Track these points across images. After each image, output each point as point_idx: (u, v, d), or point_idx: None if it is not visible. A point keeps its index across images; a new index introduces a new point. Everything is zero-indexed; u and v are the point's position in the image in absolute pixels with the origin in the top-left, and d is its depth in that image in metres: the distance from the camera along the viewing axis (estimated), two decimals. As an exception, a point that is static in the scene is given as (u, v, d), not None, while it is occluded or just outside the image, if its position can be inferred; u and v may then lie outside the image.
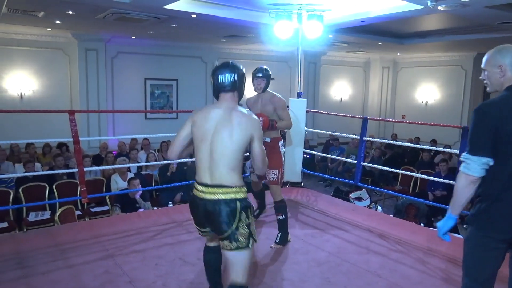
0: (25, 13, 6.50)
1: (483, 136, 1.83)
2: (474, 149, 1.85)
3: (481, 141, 1.83)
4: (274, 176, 3.56)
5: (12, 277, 2.85)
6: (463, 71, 11.42)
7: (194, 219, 2.30)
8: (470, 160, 1.85)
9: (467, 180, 1.87)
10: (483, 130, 1.83)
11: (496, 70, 1.94)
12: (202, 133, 2.19)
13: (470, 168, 1.85)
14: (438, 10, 5.31)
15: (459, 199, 1.92)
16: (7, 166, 6.79)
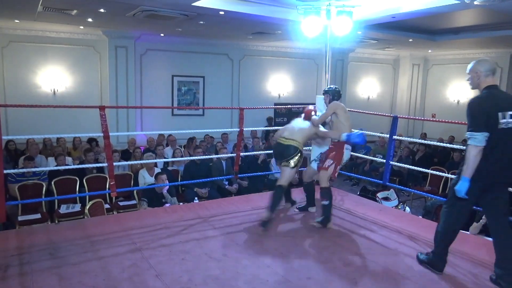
0: (59, 12, 6.71)
1: (480, 119, 2.68)
2: (477, 127, 2.67)
3: (480, 122, 2.68)
4: (329, 164, 3.95)
5: (44, 267, 2.94)
6: (498, 68, 10.97)
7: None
8: (476, 135, 2.66)
9: (477, 150, 2.67)
10: (480, 115, 2.69)
11: (475, 75, 2.84)
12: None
13: (477, 141, 2.66)
14: (473, 5, 5.11)
15: (472, 165, 2.69)
16: (40, 159, 7.04)
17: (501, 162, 2.70)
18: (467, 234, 4.27)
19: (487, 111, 2.66)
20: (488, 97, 2.74)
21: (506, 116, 2.65)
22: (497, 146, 2.66)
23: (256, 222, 4.00)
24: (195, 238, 3.56)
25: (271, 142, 8.82)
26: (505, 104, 2.70)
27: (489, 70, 2.77)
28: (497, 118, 2.64)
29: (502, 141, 2.67)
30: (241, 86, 11.04)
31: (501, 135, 2.66)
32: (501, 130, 2.65)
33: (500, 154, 2.69)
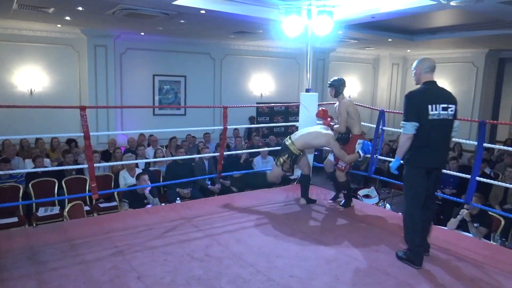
0: (35, 9, 6.54)
1: (412, 110, 3.03)
2: (408, 118, 3.03)
3: (411, 113, 3.03)
4: (343, 165, 4.44)
5: (22, 272, 2.87)
6: (474, 68, 11.26)
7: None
8: (406, 124, 3.03)
9: (406, 137, 3.05)
10: (412, 107, 3.04)
11: (418, 71, 3.19)
12: None
13: (407, 129, 3.03)
14: (450, 5, 5.23)
15: (403, 149, 3.12)
16: (18, 161, 6.86)
17: (436, 148, 3.06)
18: (444, 229, 4.38)
19: (418, 104, 3.02)
20: (422, 91, 3.10)
21: (438, 108, 2.99)
22: (430, 134, 3.02)
23: (238, 222, 4.01)
24: (177, 239, 3.54)
25: (254, 142, 8.84)
26: (438, 97, 3.04)
27: (428, 67, 3.13)
28: (427, 110, 2.98)
29: (435, 130, 3.01)
30: (223, 86, 11.00)
31: (433, 125, 3.00)
32: (432, 120, 2.99)
33: (434, 142, 3.04)
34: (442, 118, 3.01)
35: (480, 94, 11.16)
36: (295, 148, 4.25)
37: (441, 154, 3.13)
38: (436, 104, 2.99)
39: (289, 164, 4.27)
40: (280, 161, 4.28)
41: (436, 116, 2.99)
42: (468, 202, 4.08)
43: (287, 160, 4.24)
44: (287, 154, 4.24)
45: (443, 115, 3.01)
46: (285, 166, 4.26)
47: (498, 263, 3.17)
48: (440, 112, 3.00)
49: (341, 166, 4.45)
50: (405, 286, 2.83)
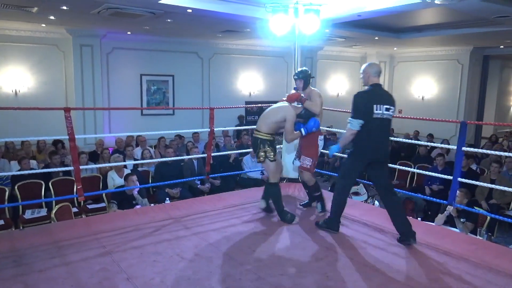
0: (18, 9, 6.44)
1: (359, 109, 3.36)
2: (355, 116, 3.37)
3: (358, 112, 3.36)
4: (308, 163, 4.17)
5: (9, 275, 2.83)
6: (459, 65, 11.43)
7: None
8: (353, 121, 3.37)
9: (351, 131, 3.41)
10: (359, 106, 3.37)
11: (366, 74, 3.48)
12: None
13: (353, 126, 3.38)
14: (435, 4, 5.30)
15: (346, 141, 3.51)
16: (3, 163, 6.75)
17: (377, 143, 3.43)
18: (432, 225, 4.44)
19: (365, 103, 3.34)
20: (369, 92, 3.42)
21: (382, 109, 3.34)
22: (373, 131, 3.37)
23: (227, 221, 4.01)
24: (166, 239, 3.52)
25: (243, 141, 8.83)
26: (382, 99, 3.38)
27: (376, 72, 3.46)
28: (372, 109, 3.31)
29: (377, 127, 3.38)
30: (212, 85, 10.97)
31: (376, 123, 3.35)
32: (376, 119, 3.34)
33: (376, 138, 3.41)
34: (385, 118, 3.38)
35: (466, 90, 11.34)
36: (262, 134, 3.85)
37: (382, 148, 3.49)
38: (380, 105, 3.33)
39: (271, 151, 3.85)
40: (261, 156, 3.85)
41: (380, 115, 3.34)
42: (450, 202, 4.12)
43: (266, 149, 3.83)
44: (261, 144, 3.84)
45: (386, 115, 3.37)
46: (269, 155, 3.85)
47: (484, 258, 3.23)
48: (384, 112, 3.35)
49: (308, 166, 4.13)
50: (393, 282, 2.86)
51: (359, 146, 3.47)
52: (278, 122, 3.86)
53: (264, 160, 3.86)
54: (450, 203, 4.13)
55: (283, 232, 3.76)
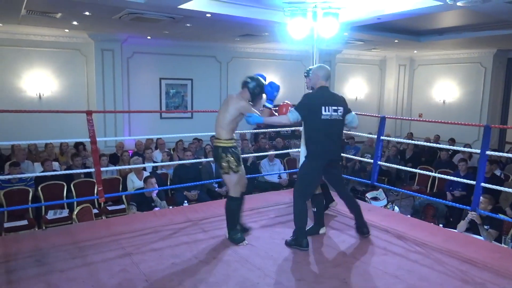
0: (43, 15, 6.63)
1: (303, 107, 3.43)
2: (297, 109, 3.43)
3: (302, 109, 3.42)
4: None
5: (31, 274, 2.89)
6: (482, 68, 11.17)
7: None
8: (294, 112, 3.41)
9: (285, 120, 3.45)
10: (305, 105, 3.44)
11: (315, 77, 3.57)
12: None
13: (292, 116, 3.41)
14: (457, 6, 5.20)
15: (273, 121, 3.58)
16: (27, 165, 6.93)
17: (330, 144, 3.46)
18: (454, 231, 4.34)
19: (312, 104, 3.42)
20: (317, 94, 3.51)
21: (330, 110, 3.41)
22: (324, 132, 3.42)
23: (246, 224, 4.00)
24: (184, 242, 3.54)
25: (260, 144, 8.84)
26: (330, 101, 3.45)
27: (324, 75, 3.53)
28: (320, 111, 3.38)
29: (327, 128, 3.43)
30: (230, 88, 11.02)
31: (325, 124, 3.41)
32: (325, 120, 3.40)
33: (329, 138, 3.44)
34: (334, 119, 3.44)
35: (489, 94, 11.06)
36: (223, 141, 3.43)
37: (335, 148, 3.53)
38: (328, 106, 3.40)
39: (235, 160, 3.42)
40: (225, 166, 3.42)
41: (329, 116, 3.41)
42: (474, 209, 4.01)
43: (229, 158, 3.40)
44: (223, 153, 3.41)
45: (334, 116, 3.44)
46: (233, 166, 3.42)
47: (509, 267, 3.13)
48: (332, 113, 3.42)
49: None
50: (414, 289, 2.80)
51: (313, 149, 3.48)
52: (234, 117, 3.41)
53: (228, 172, 3.42)
54: (473, 209, 4.01)
55: (301, 236, 3.73)
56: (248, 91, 3.54)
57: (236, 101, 3.45)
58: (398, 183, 8.49)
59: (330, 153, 3.50)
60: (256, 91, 3.53)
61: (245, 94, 3.54)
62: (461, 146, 9.52)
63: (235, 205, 3.53)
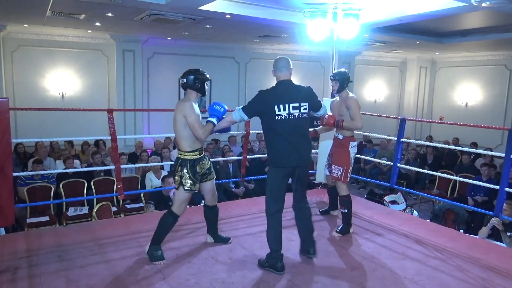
0: (67, 16, 6.78)
1: (252, 106, 3.03)
2: (245, 108, 3.06)
3: (250, 108, 3.04)
4: (338, 172, 3.77)
5: (52, 269, 2.96)
6: (507, 71, 10.88)
7: None
8: (239, 111, 3.07)
9: (230, 119, 3.18)
10: (255, 103, 3.02)
11: (273, 69, 3.14)
12: None
13: (236, 115, 3.11)
14: (481, 7, 5.07)
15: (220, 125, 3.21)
16: (49, 162, 7.10)
17: (293, 147, 2.97)
18: (476, 238, 4.23)
19: (263, 103, 2.98)
20: (270, 91, 3.04)
21: (287, 108, 2.92)
22: (279, 135, 2.96)
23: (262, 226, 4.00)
24: (201, 241, 3.56)
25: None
26: (287, 97, 2.96)
27: (283, 66, 3.06)
28: (273, 110, 2.91)
29: (285, 130, 2.94)
30: (248, 89, 11.05)
31: (282, 124, 2.93)
32: (281, 121, 2.93)
33: (284, 142, 2.96)
34: (294, 118, 2.95)
35: (514, 98, 10.76)
36: (183, 153, 3.13)
37: (299, 152, 3.01)
38: (285, 104, 2.92)
39: (189, 178, 3.10)
40: (177, 180, 3.14)
41: (286, 116, 2.93)
42: (497, 215, 3.90)
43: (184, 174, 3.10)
44: (179, 166, 3.12)
45: (294, 114, 2.95)
46: (185, 183, 3.10)
47: (533, 275, 3.03)
48: (291, 111, 2.94)
49: (339, 175, 3.75)
50: (434, 295, 2.75)
51: (273, 154, 3.02)
52: (184, 124, 3.07)
53: (178, 187, 3.12)
54: (496, 215, 3.91)
55: (318, 239, 3.70)
56: (193, 90, 3.15)
57: (179, 105, 3.08)
58: (417, 187, 8.35)
59: (293, 159, 2.99)
60: (198, 83, 3.12)
61: (191, 94, 3.16)
62: (483, 150, 9.29)
63: (171, 222, 3.19)
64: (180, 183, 3.11)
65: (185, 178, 3.10)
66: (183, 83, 3.14)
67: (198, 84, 3.13)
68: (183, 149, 3.13)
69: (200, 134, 3.05)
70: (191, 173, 3.11)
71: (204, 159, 3.24)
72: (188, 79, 3.12)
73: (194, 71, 3.14)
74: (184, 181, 3.10)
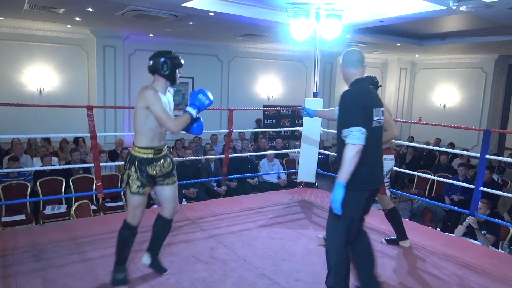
0: (46, 10, 6.61)
1: (360, 113, 2.30)
2: (356, 122, 2.25)
3: (359, 116, 2.29)
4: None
5: (28, 269, 2.89)
6: (483, 73, 11.19)
7: None
8: (355, 131, 2.23)
9: (356, 150, 2.24)
10: (360, 109, 2.31)
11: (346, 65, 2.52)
12: None
13: (357, 138, 2.23)
14: (460, 11, 5.20)
15: (350, 168, 2.25)
16: (26, 159, 6.92)
17: (377, 165, 2.47)
18: (452, 236, 4.34)
19: (367, 106, 2.36)
20: (366, 91, 2.45)
21: (379, 113, 2.42)
22: (372, 146, 2.34)
23: (244, 224, 4.01)
24: (182, 240, 3.54)
25: (260, 144, 8.84)
26: (376, 99, 2.47)
27: (360, 59, 2.51)
28: (372, 115, 2.36)
29: (376, 139, 2.43)
30: (231, 88, 11.03)
31: (375, 134, 2.40)
32: (375, 128, 2.39)
33: (375, 156, 2.43)
34: (381, 126, 2.47)
35: (489, 100, 11.08)
36: (136, 149, 2.63)
37: (381, 170, 2.53)
38: (377, 108, 2.41)
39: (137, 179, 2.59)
40: (124, 180, 2.65)
41: (378, 123, 2.41)
42: (472, 213, 4.00)
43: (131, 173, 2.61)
44: (128, 163, 2.65)
45: (381, 122, 2.46)
46: (131, 184, 2.61)
47: (506, 272, 3.13)
48: (381, 117, 2.45)
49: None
50: (411, 292, 2.80)
51: (364, 172, 2.32)
52: (146, 116, 2.57)
53: (125, 188, 2.65)
54: (471, 214, 4.02)
55: (299, 237, 3.74)
56: (160, 76, 2.63)
57: (140, 92, 2.56)
58: (396, 186, 8.50)
59: (378, 179, 2.47)
60: (166, 68, 2.60)
61: (158, 81, 2.65)
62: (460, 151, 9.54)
63: (127, 235, 2.69)
64: (127, 184, 2.62)
65: (132, 178, 2.61)
66: (149, 65, 2.63)
67: (167, 70, 2.59)
68: (137, 144, 2.62)
69: (171, 126, 2.54)
70: (139, 172, 2.60)
71: (161, 160, 2.67)
72: (156, 62, 2.59)
73: (164, 53, 2.62)
74: (131, 181, 2.61)
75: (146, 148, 2.62)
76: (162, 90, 2.65)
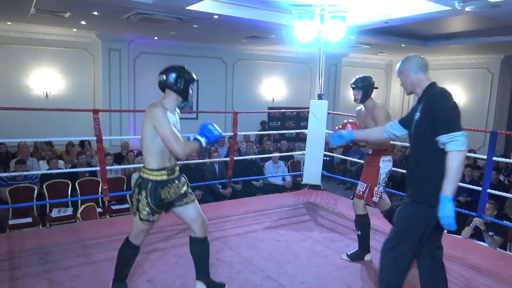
0: (52, 14, 6.67)
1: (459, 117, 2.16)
2: (457, 126, 2.08)
3: (459, 120, 2.13)
4: (361, 189, 3.30)
5: (35, 272, 2.91)
6: (489, 74, 11.11)
7: None
8: (459, 136, 2.04)
9: (462, 156, 2.05)
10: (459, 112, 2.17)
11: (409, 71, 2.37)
12: None
13: (462, 144, 2.04)
14: (465, 11, 5.17)
15: (457, 177, 2.07)
16: (32, 162, 6.96)
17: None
18: (458, 237, 4.31)
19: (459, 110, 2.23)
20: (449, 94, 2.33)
21: None
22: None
23: (249, 226, 4.00)
24: (188, 243, 3.53)
25: (265, 146, 8.83)
26: None
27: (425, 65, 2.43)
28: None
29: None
30: (235, 90, 11.05)
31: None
32: None
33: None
34: None
35: (496, 100, 11.00)
36: (147, 171, 2.45)
37: None
38: None
39: (146, 205, 2.42)
40: (133, 204, 2.49)
41: None
42: (480, 215, 3.97)
43: (141, 198, 2.43)
44: (137, 188, 2.47)
45: None
46: (141, 210, 2.44)
47: (513, 274, 3.10)
48: None
49: (358, 191, 3.31)
50: (418, 295, 2.78)
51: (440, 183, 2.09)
52: (154, 135, 2.42)
53: (135, 214, 2.49)
54: (479, 215, 3.99)
55: (305, 240, 3.73)
56: (173, 91, 2.50)
57: (148, 111, 2.42)
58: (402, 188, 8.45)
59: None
60: (180, 83, 2.49)
61: (168, 97, 2.52)
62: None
63: (129, 254, 2.60)
64: (137, 210, 2.45)
65: (142, 204, 2.42)
66: (162, 81, 2.51)
67: (181, 85, 2.48)
68: (147, 166, 2.45)
69: (178, 150, 2.37)
70: (150, 198, 2.41)
71: (175, 181, 2.51)
72: (169, 77, 2.48)
73: (178, 68, 2.53)
74: (141, 207, 2.42)
75: (158, 170, 2.44)
76: (172, 107, 2.53)
